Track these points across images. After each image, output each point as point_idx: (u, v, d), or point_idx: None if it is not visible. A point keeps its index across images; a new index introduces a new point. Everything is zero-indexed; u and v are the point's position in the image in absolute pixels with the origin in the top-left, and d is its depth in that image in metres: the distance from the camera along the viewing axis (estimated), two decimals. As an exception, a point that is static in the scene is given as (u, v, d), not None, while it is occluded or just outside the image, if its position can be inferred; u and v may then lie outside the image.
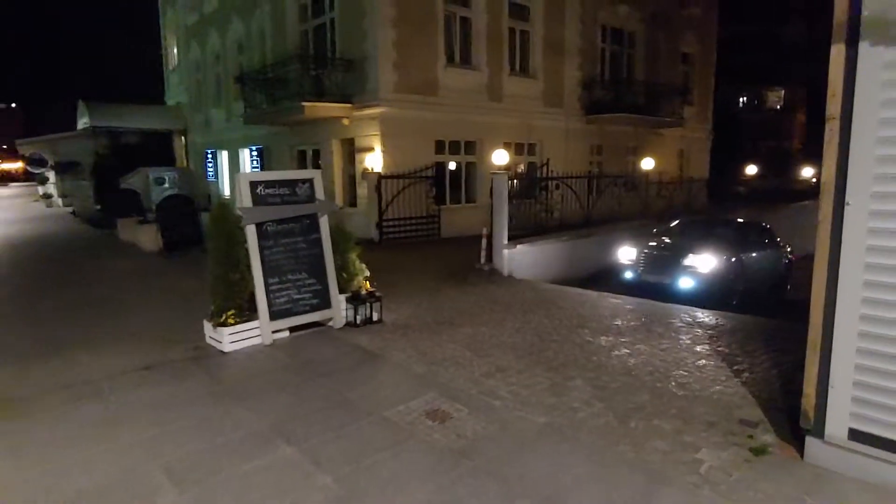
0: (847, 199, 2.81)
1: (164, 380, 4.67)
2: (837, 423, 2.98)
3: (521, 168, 16.51)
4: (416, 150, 13.68)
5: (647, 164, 14.52)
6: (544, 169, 12.73)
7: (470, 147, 15.21)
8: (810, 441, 3.12)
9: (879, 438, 2.86)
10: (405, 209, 13.18)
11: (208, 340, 5.55)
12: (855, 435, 2.93)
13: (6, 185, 64.00)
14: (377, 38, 12.88)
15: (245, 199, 5.39)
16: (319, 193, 5.98)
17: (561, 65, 16.99)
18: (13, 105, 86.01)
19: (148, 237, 12.23)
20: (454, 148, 14.97)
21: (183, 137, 26.57)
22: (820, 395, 3.03)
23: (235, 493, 3.03)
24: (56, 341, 5.76)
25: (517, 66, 16.04)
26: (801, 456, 3.18)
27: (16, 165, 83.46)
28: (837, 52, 2.78)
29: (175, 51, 26.56)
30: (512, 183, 11.97)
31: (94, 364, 5.05)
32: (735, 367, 4.72)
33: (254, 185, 5.50)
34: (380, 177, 12.97)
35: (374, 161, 13.36)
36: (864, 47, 2.67)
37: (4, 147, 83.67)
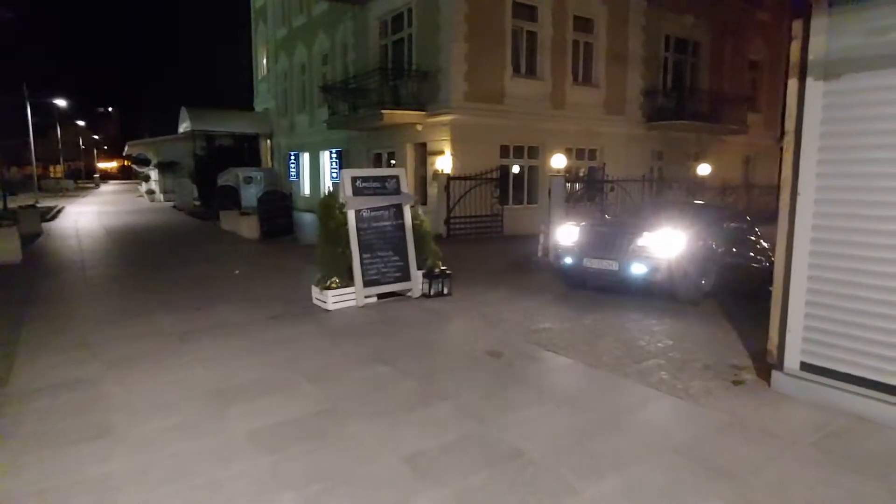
0: (798, 190, 3.83)
1: (286, 325, 6.16)
2: (792, 357, 3.98)
3: (583, 172, 17.45)
4: (483, 153, 14.94)
5: (704, 169, 15.11)
6: (600, 172, 13.68)
7: (533, 151, 16.31)
8: (774, 373, 4.13)
9: (820, 368, 3.85)
10: (471, 208, 14.46)
11: (315, 301, 7.02)
12: (804, 366, 3.93)
13: (106, 183, 70.46)
14: (450, 52, 14.27)
15: (347, 190, 6.83)
16: (404, 187, 7.36)
17: (623, 74, 17.81)
18: (110, 109, 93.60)
19: (248, 226, 14.14)
20: (518, 152, 16.12)
21: (269, 140, 29.09)
22: (780, 338, 4.03)
23: (350, 386, 4.38)
24: (200, 300, 7.40)
25: (580, 76, 17.00)
26: (769, 386, 4.19)
27: (112, 164, 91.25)
28: (792, 84, 3.80)
29: (265, 61, 29.11)
30: (570, 185, 13.05)
31: (234, 314, 6.63)
32: (744, 334, 5.66)
33: (354, 179, 6.94)
34: (448, 178, 14.31)
35: (443, 164, 14.72)
36: (809, 81, 3.69)
37: (105, 147, 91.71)
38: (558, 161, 11.71)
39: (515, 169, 16.18)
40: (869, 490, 2.91)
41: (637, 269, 6.99)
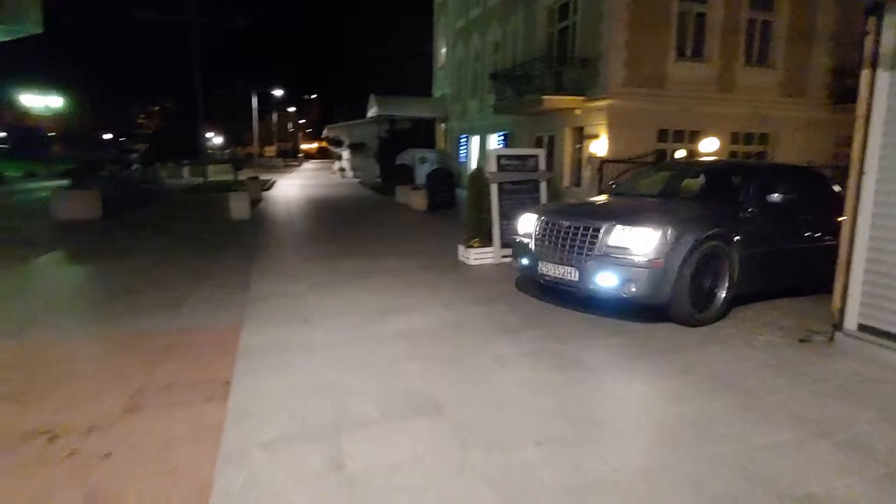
0: (864, 169, 4.28)
1: (437, 272, 7.76)
2: (852, 320, 4.45)
3: (752, 158, 16.70)
4: (640, 137, 15.23)
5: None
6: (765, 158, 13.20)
7: (694, 136, 16.08)
8: (836, 334, 4.61)
9: (875, 329, 4.30)
10: (623, 190, 14.91)
11: (460, 258, 8.54)
12: (861, 328, 4.39)
13: (308, 161, 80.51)
14: (610, 40, 14.77)
15: (492, 166, 8.18)
16: (542, 165, 8.50)
17: (807, 52, 16.57)
18: (314, 96, 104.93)
19: (418, 200, 16.25)
20: (678, 136, 16.05)
21: (443, 124, 31.57)
22: (842, 302, 4.51)
23: (471, 314, 5.76)
24: (376, 252, 9.37)
25: (754, 57, 16.25)
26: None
27: (313, 145, 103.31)
28: (865, 74, 4.24)
29: (444, 51, 31.52)
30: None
31: (398, 263, 8.42)
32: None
33: (499, 157, 8.28)
34: (602, 161, 14.92)
35: (599, 147, 15.34)
36: (879, 72, 4.13)
37: (308, 130, 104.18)
38: (709, 145, 11.83)
39: (680, 153, 16.10)
40: (856, 414, 3.51)
41: (604, 281, 5.13)
